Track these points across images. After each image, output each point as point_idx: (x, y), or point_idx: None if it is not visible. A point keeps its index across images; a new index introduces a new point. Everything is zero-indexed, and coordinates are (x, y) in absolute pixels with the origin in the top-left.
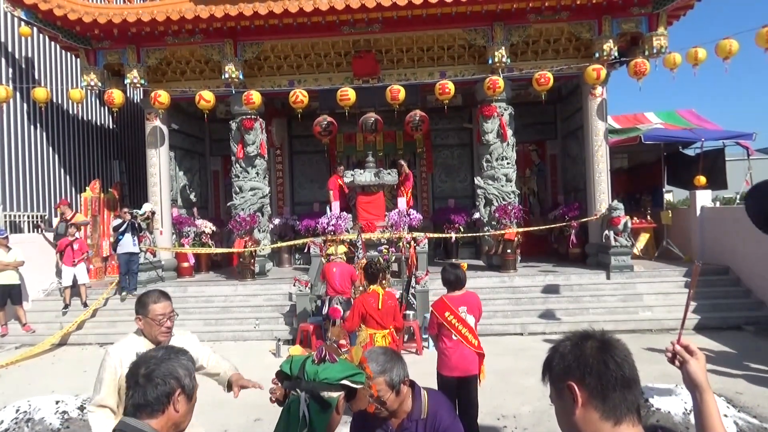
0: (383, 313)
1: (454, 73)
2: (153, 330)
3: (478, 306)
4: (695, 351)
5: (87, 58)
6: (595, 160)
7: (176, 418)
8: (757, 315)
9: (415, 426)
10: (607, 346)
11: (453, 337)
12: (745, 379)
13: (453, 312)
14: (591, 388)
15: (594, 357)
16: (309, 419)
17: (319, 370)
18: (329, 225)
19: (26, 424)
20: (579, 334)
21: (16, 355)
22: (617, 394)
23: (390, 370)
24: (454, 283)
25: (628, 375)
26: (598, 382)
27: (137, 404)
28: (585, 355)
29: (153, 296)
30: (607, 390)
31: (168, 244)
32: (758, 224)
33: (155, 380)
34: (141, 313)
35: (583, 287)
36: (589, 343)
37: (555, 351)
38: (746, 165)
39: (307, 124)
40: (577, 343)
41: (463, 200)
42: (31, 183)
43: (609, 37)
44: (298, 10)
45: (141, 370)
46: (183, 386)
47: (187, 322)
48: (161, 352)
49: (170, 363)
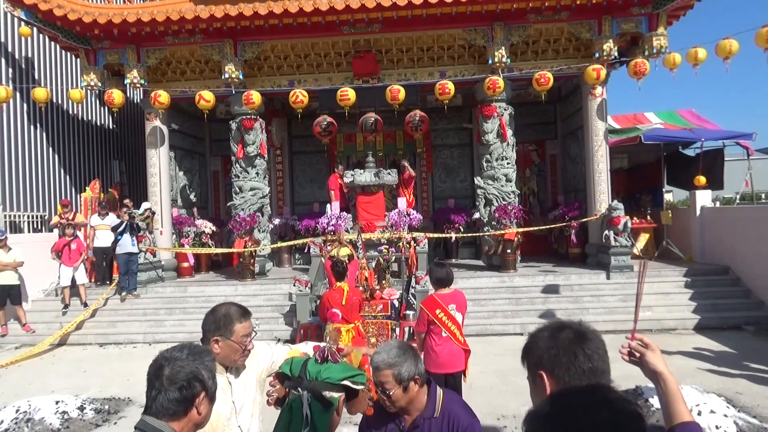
0: (348, 309)
1: (454, 73)
2: (234, 355)
3: (465, 304)
4: (650, 343)
5: (87, 58)
6: (595, 160)
7: (197, 420)
8: (757, 315)
9: (428, 425)
10: (580, 337)
11: (443, 334)
12: (745, 379)
13: (443, 309)
14: (559, 379)
15: (564, 348)
16: (311, 419)
17: (321, 369)
18: (329, 225)
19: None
20: (556, 325)
21: (16, 355)
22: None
23: (399, 364)
24: (443, 281)
25: (596, 366)
26: (565, 372)
27: (161, 406)
28: (556, 347)
29: (236, 315)
30: (574, 381)
31: (168, 244)
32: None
33: (180, 382)
34: (221, 335)
35: (583, 287)
36: (564, 333)
37: (532, 339)
38: (746, 165)
39: (307, 124)
40: (552, 334)
41: (463, 200)
42: (31, 183)
43: (609, 37)
44: (298, 10)
45: (165, 371)
46: (207, 388)
47: (187, 323)
48: (185, 352)
49: (195, 364)
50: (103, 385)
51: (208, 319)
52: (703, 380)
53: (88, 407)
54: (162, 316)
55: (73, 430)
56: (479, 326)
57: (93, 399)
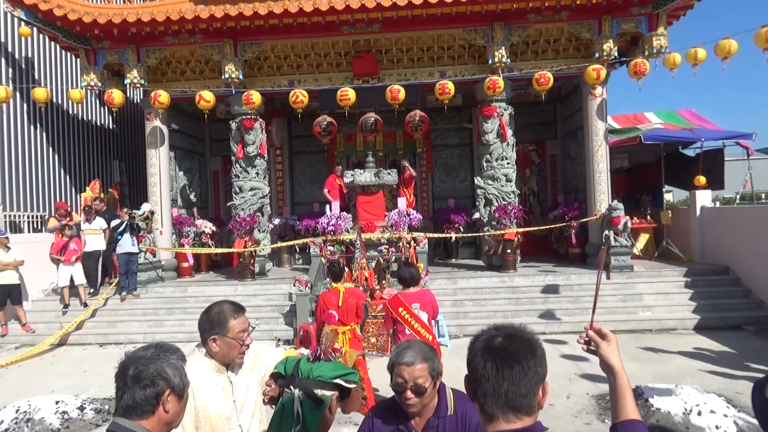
0: (343, 310)
1: (454, 73)
2: (232, 352)
3: (432, 303)
4: (607, 334)
5: (87, 58)
6: (595, 160)
7: (167, 418)
8: (757, 315)
9: (443, 424)
10: (503, 345)
11: (406, 331)
12: (745, 379)
13: (406, 308)
14: (471, 384)
15: (481, 355)
16: (302, 416)
17: (313, 367)
18: (329, 225)
19: (26, 424)
20: (492, 329)
21: (16, 355)
22: (488, 392)
23: (432, 358)
24: (408, 281)
25: (504, 376)
26: (475, 379)
27: (126, 406)
28: (476, 351)
29: (229, 311)
30: (479, 388)
31: (168, 244)
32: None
33: (143, 381)
34: (218, 332)
35: (583, 287)
36: (493, 340)
37: (472, 340)
38: (746, 165)
39: (307, 124)
40: (483, 338)
41: (463, 200)
42: (31, 183)
43: (609, 37)
44: (298, 10)
45: (129, 371)
46: (172, 386)
47: (187, 323)
48: (150, 351)
49: (159, 363)
50: (103, 385)
51: (202, 319)
52: (703, 380)
53: (88, 407)
54: (162, 316)
55: (73, 430)
56: (479, 326)
57: (93, 399)
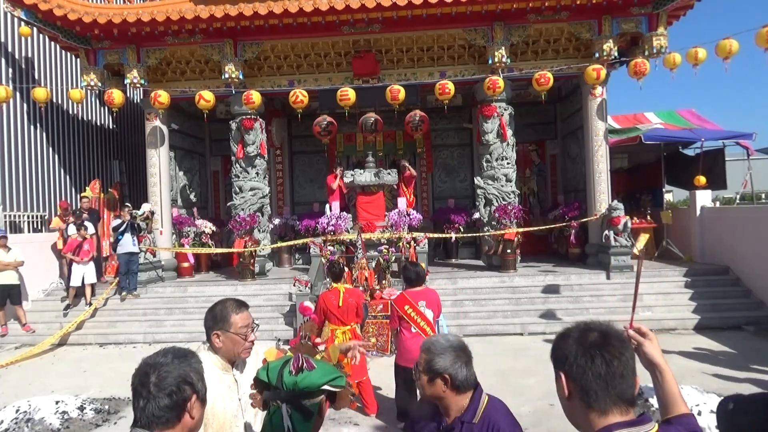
0: (343, 310)
1: (454, 73)
2: (236, 347)
3: (437, 302)
4: (647, 332)
5: (87, 58)
6: (595, 160)
7: (191, 425)
8: (757, 315)
9: (465, 429)
10: (604, 340)
11: (412, 329)
12: (745, 379)
13: (412, 305)
14: (576, 382)
15: (584, 352)
16: (293, 429)
17: (298, 380)
18: (329, 225)
19: (26, 424)
20: (582, 326)
21: (16, 355)
22: (600, 388)
23: (436, 355)
24: (414, 280)
25: (615, 370)
26: (582, 376)
27: (151, 415)
28: (577, 349)
29: (231, 307)
30: (589, 384)
31: (168, 244)
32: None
33: (169, 388)
34: (220, 328)
35: (583, 287)
36: (589, 336)
37: (560, 339)
38: (746, 165)
39: (307, 124)
40: (577, 336)
41: (463, 200)
42: (31, 183)
43: (609, 37)
44: (298, 10)
45: (151, 378)
46: (197, 391)
47: (187, 323)
48: (169, 356)
49: (182, 367)
50: (103, 385)
51: (207, 316)
52: (703, 380)
53: (88, 407)
54: (162, 316)
55: (73, 430)
56: (479, 326)
57: (93, 399)
